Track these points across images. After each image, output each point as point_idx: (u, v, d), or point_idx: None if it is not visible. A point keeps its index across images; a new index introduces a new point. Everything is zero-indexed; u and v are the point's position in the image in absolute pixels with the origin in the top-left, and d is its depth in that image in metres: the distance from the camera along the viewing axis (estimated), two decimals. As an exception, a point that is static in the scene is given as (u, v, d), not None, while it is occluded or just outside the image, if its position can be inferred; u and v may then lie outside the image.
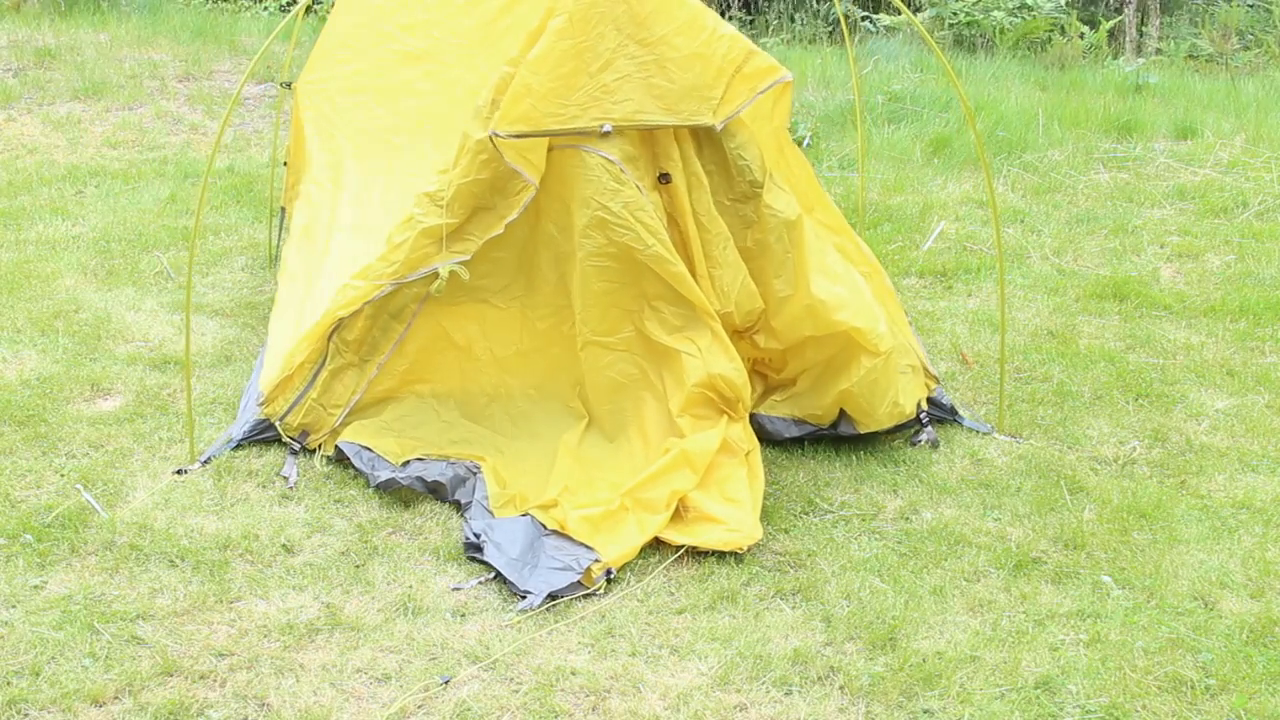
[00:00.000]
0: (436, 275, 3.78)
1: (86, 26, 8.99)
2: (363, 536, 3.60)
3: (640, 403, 3.91)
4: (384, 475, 3.78)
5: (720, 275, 4.02)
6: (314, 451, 3.96)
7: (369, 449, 3.86)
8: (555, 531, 3.54)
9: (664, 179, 3.94)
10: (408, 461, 3.84)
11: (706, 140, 3.91)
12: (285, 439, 3.96)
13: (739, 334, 4.12)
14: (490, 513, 3.64)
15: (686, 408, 3.86)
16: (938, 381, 4.27)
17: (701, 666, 3.13)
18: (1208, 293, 5.32)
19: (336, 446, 3.92)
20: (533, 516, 3.59)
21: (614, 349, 3.89)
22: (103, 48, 8.48)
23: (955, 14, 9.98)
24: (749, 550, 3.56)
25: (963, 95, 4.27)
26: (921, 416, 4.14)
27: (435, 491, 3.78)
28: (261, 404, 3.98)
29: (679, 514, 3.67)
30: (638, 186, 3.86)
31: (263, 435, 3.98)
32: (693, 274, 3.96)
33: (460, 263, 3.79)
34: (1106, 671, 3.14)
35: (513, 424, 3.99)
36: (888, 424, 4.06)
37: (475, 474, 3.80)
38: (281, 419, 3.96)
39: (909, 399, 4.08)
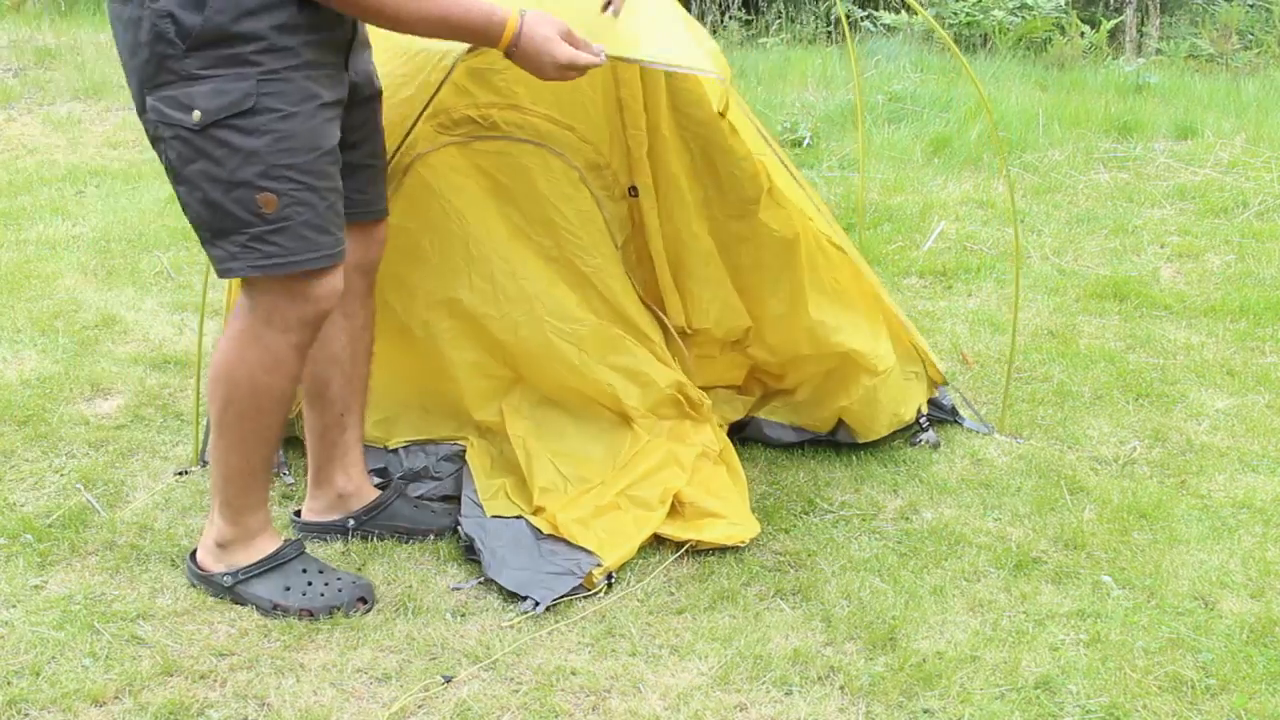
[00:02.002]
0: None
1: (86, 26, 9.00)
2: (363, 536, 3.60)
3: (593, 386, 3.87)
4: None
5: (697, 292, 4.04)
6: (294, 437, 3.93)
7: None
8: (552, 536, 3.53)
9: (632, 192, 3.99)
10: (395, 449, 3.83)
11: (700, 155, 3.91)
12: None
13: (733, 345, 4.13)
14: (481, 507, 3.63)
15: (654, 408, 3.87)
16: (945, 381, 4.26)
17: (701, 666, 3.14)
18: (1208, 293, 5.32)
19: None
20: (527, 521, 3.58)
21: (563, 336, 3.84)
22: (103, 48, 8.48)
23: (955, 14, 9.99)
24: (749, 544, 3.57)
25: (978, 86, 4.27)
26: (921, 420, 4.14)
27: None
28: None
29: (676, 509, 3.67)
30: (596, 196, 3.89)
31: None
32: (654, 289, 3.99)
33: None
34: (1106, 671, 3.14)
35: (468, 397, 3.91)
36: (886, 433, 4.07)
37: (462, 461, 3.78)
38: None
39: (910, 407, 4.08)
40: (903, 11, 10.27)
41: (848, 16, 10.10)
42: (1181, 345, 4.87)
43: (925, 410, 4.15)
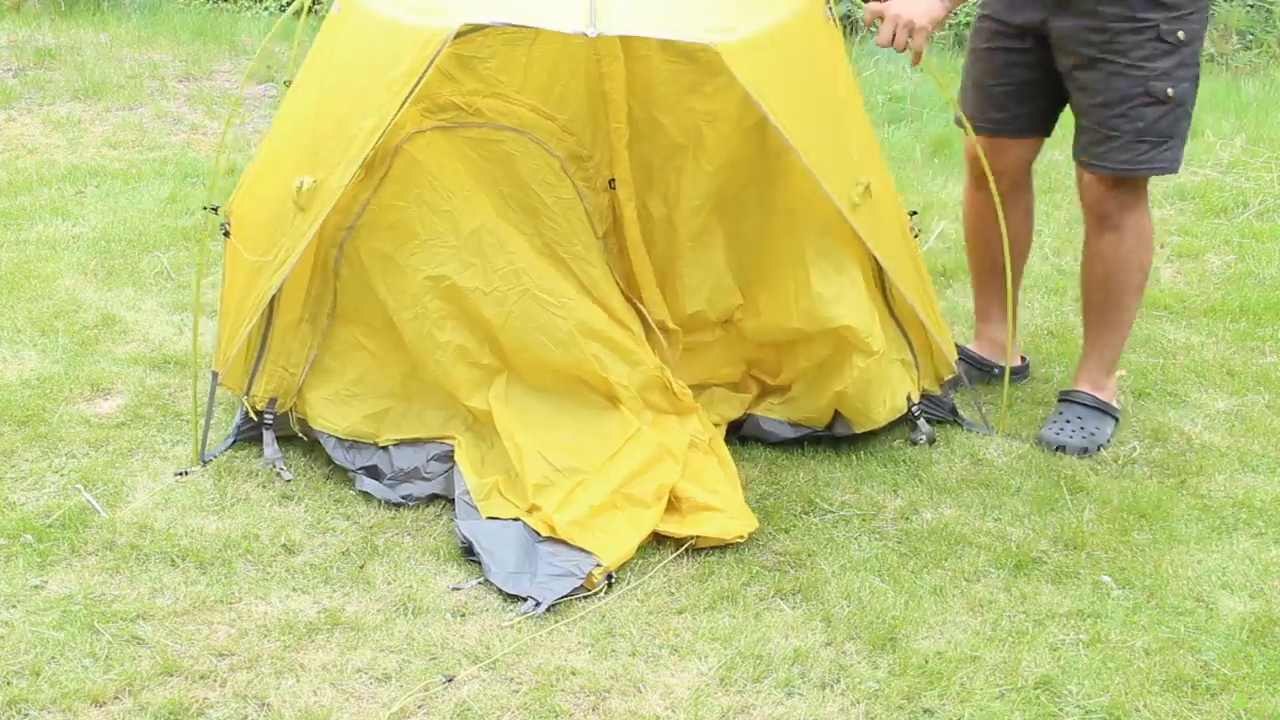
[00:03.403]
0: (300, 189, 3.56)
1: (86, 26, 8.99)
2: (363, 536, 3.60)
3: (582, 363, 3.86)
4: (371, 487, 3.76)
5: (688, 275, 4.07)
6: (293, 436, 3.92)
7: (344, 440, 3.83)
8: (549, 537, 3.52)
9: (612, 185, 4.03)
10: (386, 446, 3.83)
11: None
12: (251, 413, 3.88)
13: (724, 325, 4.15)
14: (475, 509, 3.62)
15: (642, 390, 3.88)
16: (953, 373, 4.23)
17: (702, 666, 3.14)
18: (1208, 293, 5.32)
19: (313, 434, 3.89)
20: (524, 523, 3.58)
21: (551, 310, 3.83)
22: (103, 48, 8.48)
23: (955, 14, 9.97)
24: (749, 544, 3.56)
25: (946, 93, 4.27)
26: (913, 409, 4.11)
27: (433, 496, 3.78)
28: (221, 383, 3.89)
29: (672, 504, 3.67)
30: (577, 186, 3.91)
31: (258, 430, 3.96)
32: (633, 281, 4.04)
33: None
34: (1107, 671, 3.15)
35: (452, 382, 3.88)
36: (884, 421, 4.05)
37: (452, 464, 3.78)
38: (247, 392, 3.89)
39: (900, 394, 4.08)
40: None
41: (847, 16, 10.09)
42: (1181, 345, 4.87)
43: (915, 399, 4.13)
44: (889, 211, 3.96)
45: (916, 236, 4.11)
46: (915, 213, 4.16)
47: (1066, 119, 4.34)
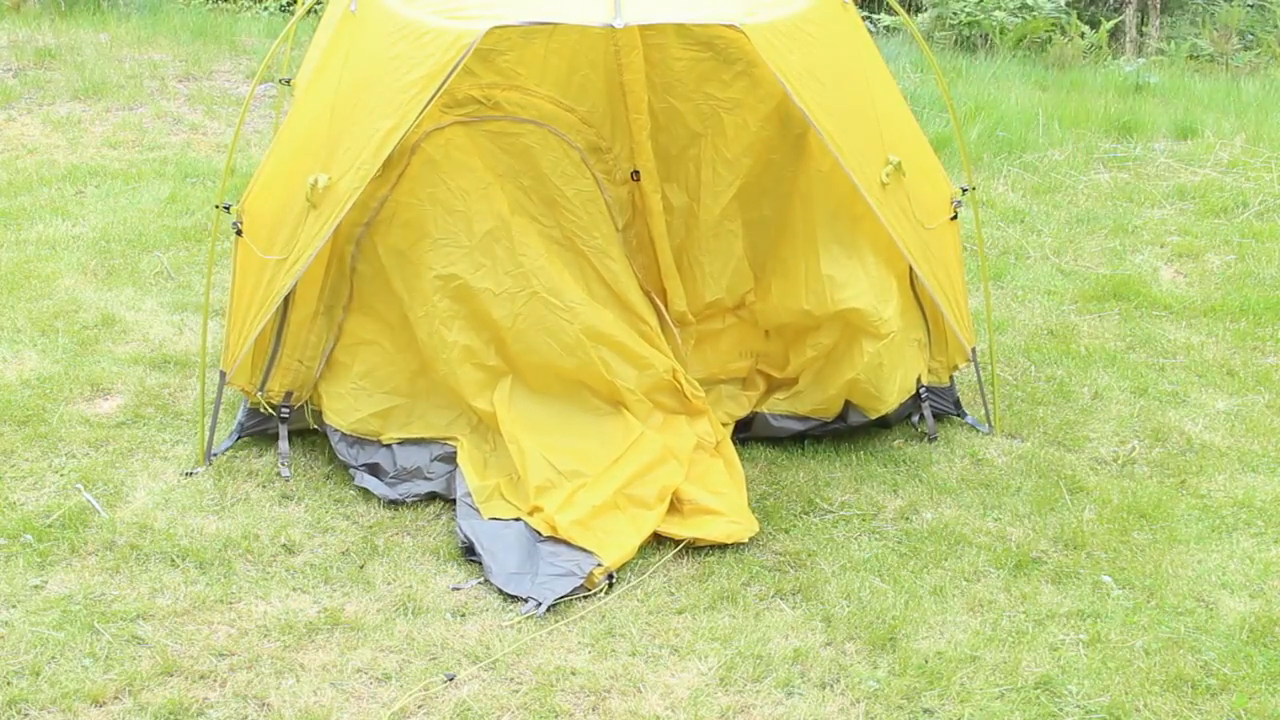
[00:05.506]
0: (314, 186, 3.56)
1: (86, 26, 8.98)
2: (363, 536, 3.60)
3: (588, 367, 3.87)
4: (370, 484, 3.77)
5: (709, 262, 4.08)
6: (293, 435, 3.92)
7: (349, 436, 3.82)
8: (551, 537, 3.52)
9: (634, 176, 4.00)
10: (389, 445, 3.82)
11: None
12: (264, 408, 3.88)
13: (736, 309, 4.14)
14: (477, 510, 3.62)
15: (650, 392, 3.87)
16: (968, 360, 4.21)
17: (702, 666, 3.14)
18: (1208, 293, 5.32)
19: (325, 427, 3.89)
20: (525, 523, 3.57)
21: (559, 314, 3.84)
22: (103, 48, 8.48)
23: (956, 14, 9.98)
24: (749, 543, 3.56)
25: (944, 87, 4.27)
26: (920, 391, 4.11)
27: (433, 494, 3.78)
28: (230, 382, 3.87)
29: (675, 507, 3.67)
30: (597, 178, 3.91)
31: (260, 428, 3.96)
32: (656, 270, 4.04)
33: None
34: (1107, 671, 3.15)
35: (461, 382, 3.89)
36: (895, 404, 4.04)
37: (454, 465, 3.78)
38: (262, 388, 3.89)
39: (911, 376, 4.07)
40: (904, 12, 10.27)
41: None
42: (1181, 345, 4.87)
43: (925, 381, 4.12)
44: (926, 190, 3.93)
45: (954, 218, 4.05)
46: (967, 189, 4.11)
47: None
